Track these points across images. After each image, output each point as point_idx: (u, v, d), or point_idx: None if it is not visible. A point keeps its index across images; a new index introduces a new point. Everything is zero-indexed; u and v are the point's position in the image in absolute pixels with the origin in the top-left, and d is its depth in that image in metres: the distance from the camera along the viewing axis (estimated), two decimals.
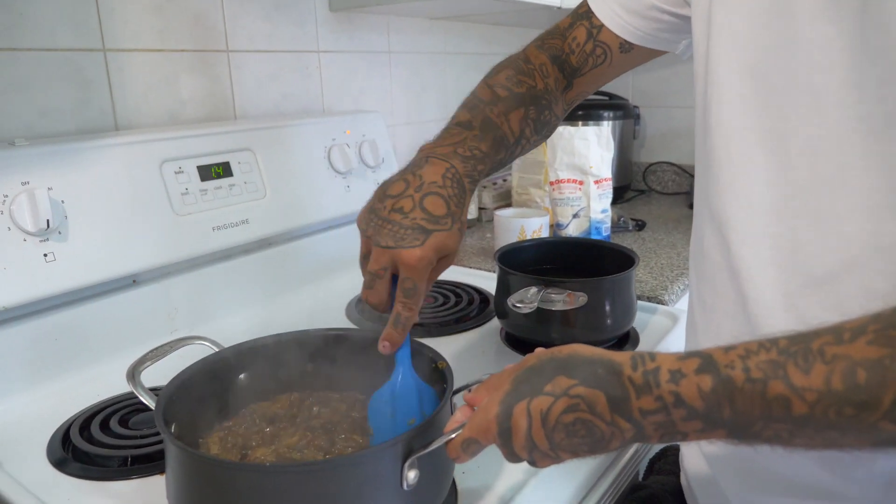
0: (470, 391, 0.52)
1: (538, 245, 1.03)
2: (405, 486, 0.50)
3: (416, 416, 0.58)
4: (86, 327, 0.81)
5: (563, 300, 0.84)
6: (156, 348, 0.63)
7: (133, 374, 0.60)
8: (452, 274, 1.20)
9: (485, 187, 1.59)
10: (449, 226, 0.56)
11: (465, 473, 0.62)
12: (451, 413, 0.56)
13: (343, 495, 0.49)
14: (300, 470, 0.50)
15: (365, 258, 0.59)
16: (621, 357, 0.43)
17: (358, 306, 1.05)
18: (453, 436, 0.49)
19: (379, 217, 0.56)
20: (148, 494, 0.61)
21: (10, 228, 0.73)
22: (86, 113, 0.90)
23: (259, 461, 0.57)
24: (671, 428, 0.41)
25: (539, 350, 0.49)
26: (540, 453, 0.45)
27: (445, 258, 0.58)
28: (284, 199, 1.02)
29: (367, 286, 0.57)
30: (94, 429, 0.70)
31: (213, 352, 0.65)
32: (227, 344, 0.66)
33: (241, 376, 0.66)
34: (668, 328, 0.96)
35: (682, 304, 1.12)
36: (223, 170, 0.95)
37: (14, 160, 0.75)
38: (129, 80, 0.94)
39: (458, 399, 0.55)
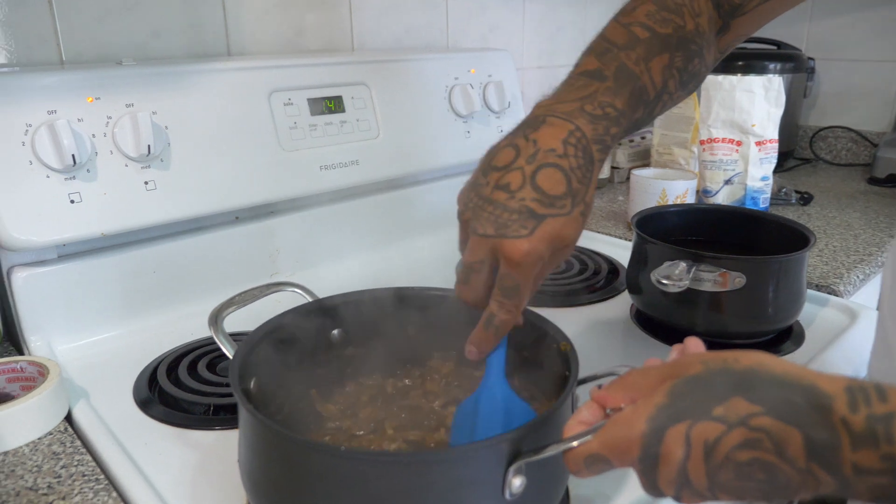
0: (601, 387, 0.41)
1: (684, 211, 0.88)
2: (507, 496, 0.41)
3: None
4: (185, 262, 0.77)
5: (713, 280, 0.69)
6: (243, 292, 0.57)
7: (216, 319, 0.54)
8: None
9: (620, 144, 1.43)
10: (568, 209, 0.44)
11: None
12: (573, 409, 0.45)
13: (430, 496, 0.40)
14: (381, 460, 0.41)
15: (463, 244, 0.47)
16: (831, 385, 0.31)
17: None
18: (575, 444, 0.38)
19: (480, 196, 0.45)
20: (226, 449, 0.55)
21: (112, 152, 0.69)
22: (199, 36, 0.85)
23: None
24: None
25: (703, 352, 0.38)
26: (691, 491, 0.34)
27: (561, 250, 0.45)
28: (399, 141, 0.93)
29: (462, 281, 0.46)
30: (182, 371, 0.66)
31: (306, 301, 0.58)
32: (322, 294, 0.59)
33: (335, 332, 0.59)
34: (843, 326, 0.78)
35: (860, 297, 0.92)
36: (335, 104, 0.87)
37: (119, 81, 0.70)
38: (244, 3, 0.88)
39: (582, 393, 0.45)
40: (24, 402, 0.54)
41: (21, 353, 0.69)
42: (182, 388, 0.63)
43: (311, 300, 0.58)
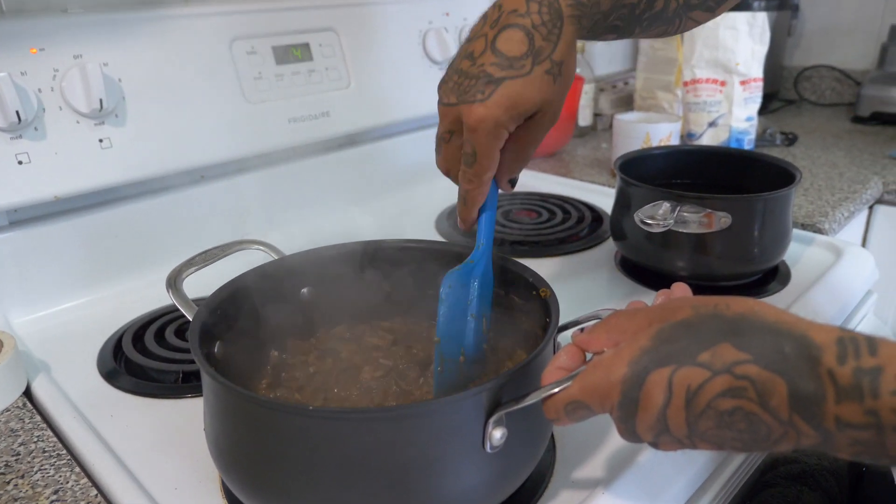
0: (582, 331, 0.39)
1: (668, 154, 0.85)
2: (488, 448, 0.39)
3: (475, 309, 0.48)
4: (148, 225, 0.74)
5: (699, 221, 0.67)
6: (204, 252, 0.54)
7: (174, 281, 0.51)
8: (559, 187, 1.04)
9: (602, 90, 1.39)
10: (527, 69, 0.42)
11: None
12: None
13: (406, 453, 0.38)
14: (352, 417, 0.39)
15: None
16: (822, 335, 0.30)
17: (449, 219, 0.92)
18: (556, 390, 0.36)
19: (451, 68, 0.45)
20: (198, 418, 0.53)
21: (61, 108, 0.65)
22: None
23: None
24: (877, 451, 0.29)
25: (692, 297, 0.36)
26: (670, 438, 0.33)
27: (536, 117, 0.44)
28: (371, 91, 0.89)
29: (436, 151, 0.48)
30: (149, 339, 0.63)
31: (272, 259, 0.55)
32: (290, 251, 0.56)
33: (304, 290, 0.56)
34: (828, 264, 0.77)
35: (845, 235, 0.91)
36: (302, 52, 0.83)
37: (65, 30, 0.65)
38: None
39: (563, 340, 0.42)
40: None
41: None
42: (149, 357, 0.61)
43: (276, 257, 0.55)
